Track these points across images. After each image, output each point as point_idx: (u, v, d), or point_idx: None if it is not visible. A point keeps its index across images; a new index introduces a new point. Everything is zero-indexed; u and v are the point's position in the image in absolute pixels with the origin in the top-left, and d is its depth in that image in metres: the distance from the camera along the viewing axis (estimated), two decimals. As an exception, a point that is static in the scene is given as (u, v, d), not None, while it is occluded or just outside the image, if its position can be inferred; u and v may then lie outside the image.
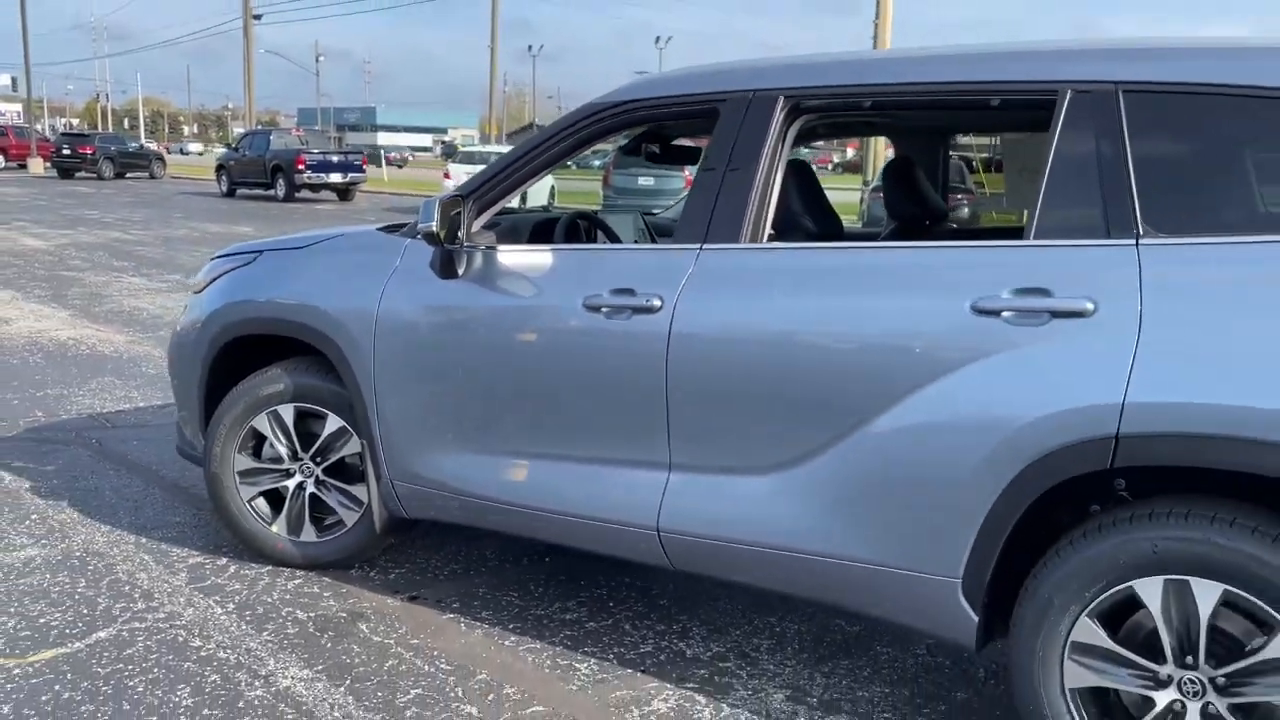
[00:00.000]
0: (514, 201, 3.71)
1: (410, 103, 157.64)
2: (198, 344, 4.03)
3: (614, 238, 4.36)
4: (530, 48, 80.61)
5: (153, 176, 41.24)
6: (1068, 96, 2.61)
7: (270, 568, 3.92)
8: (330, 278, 3.72)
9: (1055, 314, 2.48)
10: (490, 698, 3.04)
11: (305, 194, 28.65)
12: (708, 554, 3.02)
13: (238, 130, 53.21)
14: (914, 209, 4.18)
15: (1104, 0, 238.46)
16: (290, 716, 2.89)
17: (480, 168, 22.31)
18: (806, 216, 3.47)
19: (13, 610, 3.49)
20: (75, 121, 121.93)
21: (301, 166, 28.05)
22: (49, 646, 3.26)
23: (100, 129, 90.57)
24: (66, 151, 39.41)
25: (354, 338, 3.56)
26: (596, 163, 27.23)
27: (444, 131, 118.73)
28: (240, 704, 2.95)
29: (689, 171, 20.94)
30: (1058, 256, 2.54)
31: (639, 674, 3.20)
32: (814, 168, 4.13)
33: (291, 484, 3.91)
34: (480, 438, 3.39)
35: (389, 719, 2.90)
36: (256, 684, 3.07)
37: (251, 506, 3.95)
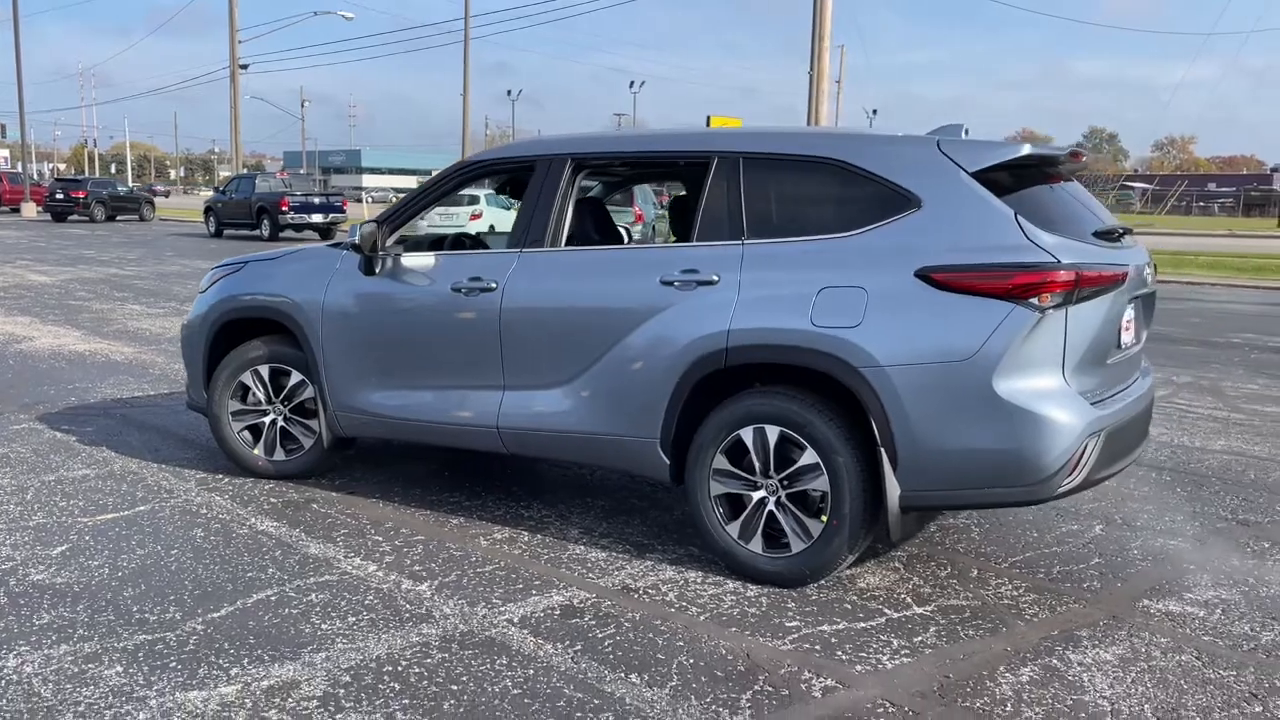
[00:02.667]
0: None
1: (395, 145, 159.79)
2: (202, 327, 5.88)
3: (484, 248, 6.23)
4: (510, 92, 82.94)
5: (142, 219, 43.10)
6: (715, 160, 4.52)
7: (254, 478, 5.74)
8: (293, 278, 5.59)
9: (700, 283, 4.36)
10: (391, 532, 4.87)
11: (289, 233, 30.53)
12: (525, 440, 4.87)
13: (224, 173, 55.14)
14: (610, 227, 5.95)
15: (1070, 44, 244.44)
16: (265, 539, 4.72)
17: (455, 206, 23.75)
18: (595, 232, 5.35)
19: (80, 498, 5.31)
20: (63, 166, 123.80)
21: (285, 208, 30.01)
22: (108, 512, 5.08)
23: (87, 174, 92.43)
24: (60, 196, 41.26)
25: (309, 318, 5.42)
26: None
27: (428, 173, 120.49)
28: (233, 535, 4.77)
29: (638, 206, 22.85)
30: (704, 251, 4.44)
31: (491, 522, 5.02)
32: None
33: (267, 420, 5.75)
34: (389, 378, 5.24)
35: (326, 544, 4.71)
36: (243, 528, 4.89)
37: (240, 436, 5.78)
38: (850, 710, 3.26)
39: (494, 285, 4.88)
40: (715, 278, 4.33)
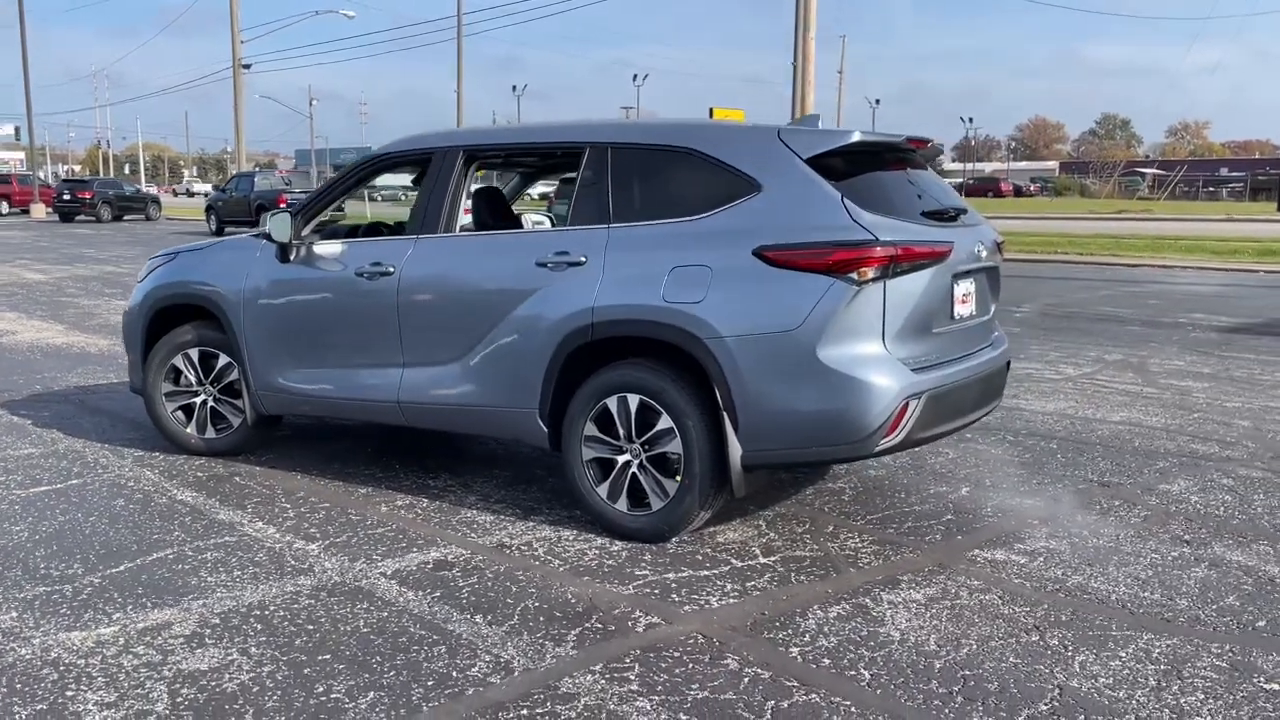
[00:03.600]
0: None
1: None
2: (139, 314, 6.28)
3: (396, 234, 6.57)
4: (514, 87, 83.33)
5: (148, 218, 43.73)
6: (587, 150, 4.89)
7: (186, 456, 6.14)
8: (218, 267, 5.98)
9: (570, 264, 4.73)
10: (300, 501, 5.26)
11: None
12: (423, 414, 5.25)
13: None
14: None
15: (1085, 29, 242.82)
16: (180, 507, 5.11)
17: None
18: (490, 218, 5.71)
19: (19, 473, 5.72)
20: (78, 168, 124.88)
21: (283, 205, 30.47)
22: (42, 485, 5.48)
23: (102, 174, 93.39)
24: (67, 197, 41.91)
25: (231, 303, 5.81)
26: (536, 194, 29.99)
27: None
28: (151, 504, 5.17)
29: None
30: (574, 235, 4.80)
31: (398, 491, 5.39)
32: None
33: (199, 400, 6.14)
34: (303, 358, 5.63)
35: (235, 510, 5.10)
36: (163, 498, 5.29)
37: (174, 416, 6.18)
38: (663, 641, 3.63)
39: (391, 270, 5.25)
40: (583, 259, 4.69)
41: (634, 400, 4.56)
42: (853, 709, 3.17)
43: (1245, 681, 3.36)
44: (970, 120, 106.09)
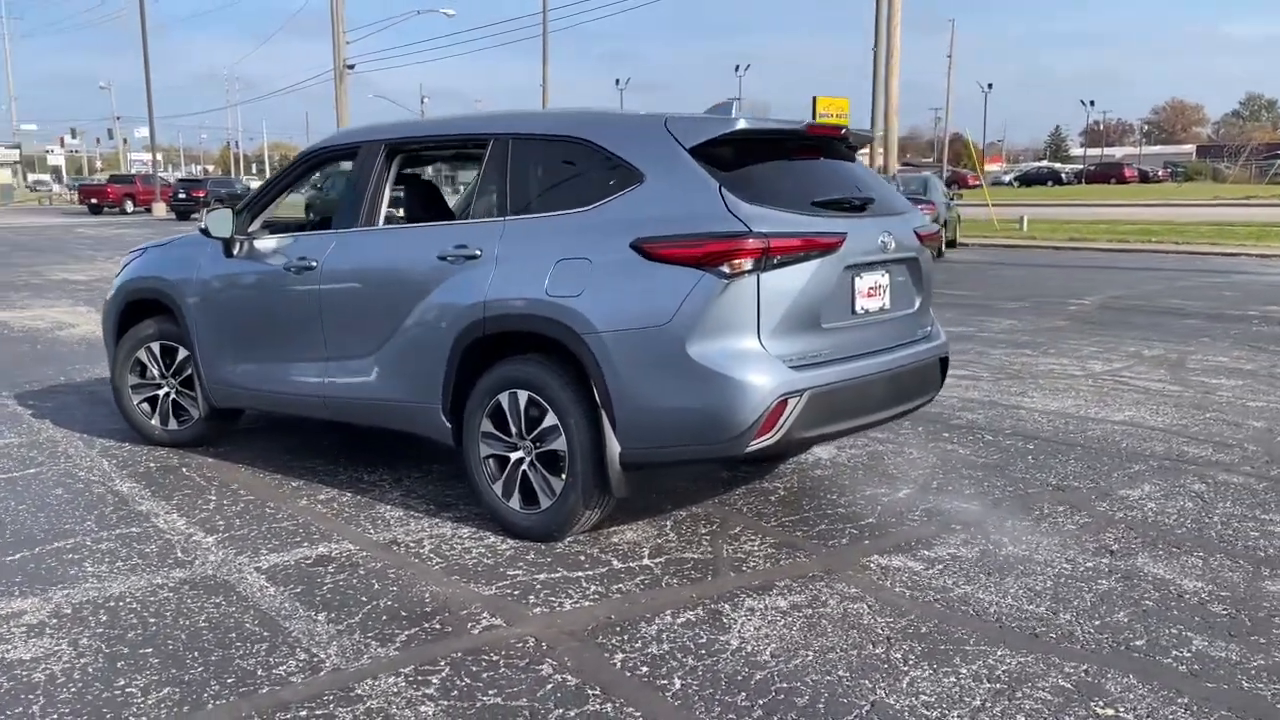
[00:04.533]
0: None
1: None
2: (111, 308, 6.46)
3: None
4: (617, 81, 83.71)
5: (257, 215, 45.28)
6: (491, 141, 4.82)
7: (150, 446, 6.29)
8: (173, 262, 6.11)
9: (467, 257, 4.67)
10: (229, 493, 5.33)
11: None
12: (345, 408, 5.27)
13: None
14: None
15: (1227, 10, 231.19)
16: (110, 498, 5.23)
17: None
18: (421, 210, 5.68)
19: (-15, 460, 5.95)
20: (211, 168, 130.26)
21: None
22: (2, 474, 5.70)
23: (233, 174, 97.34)
24: (182, 195, 43.84)
25: (184, 297, 5.93)
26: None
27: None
28: (85, 495, 5.30)
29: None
30: (473, 228, 4.74)
31: (328, 486, 5.41)
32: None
33: (161, 393, 6.29)
34: (244, 351, 5.70)
35: (159, 501, 5.18)
36: (101, 488, 5.42)
37: (139, 408, 6.34)
38: (490, 644, 3.55)
39: (314, 264, 5.28)
40: (479, 252, 4.63)
41: (523, 396, 4.48)
42: (639, 721, 3.04)
43: (1079, 705, 3.11)
44: (1092, 103, 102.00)
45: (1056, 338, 10.29)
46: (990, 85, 74.54)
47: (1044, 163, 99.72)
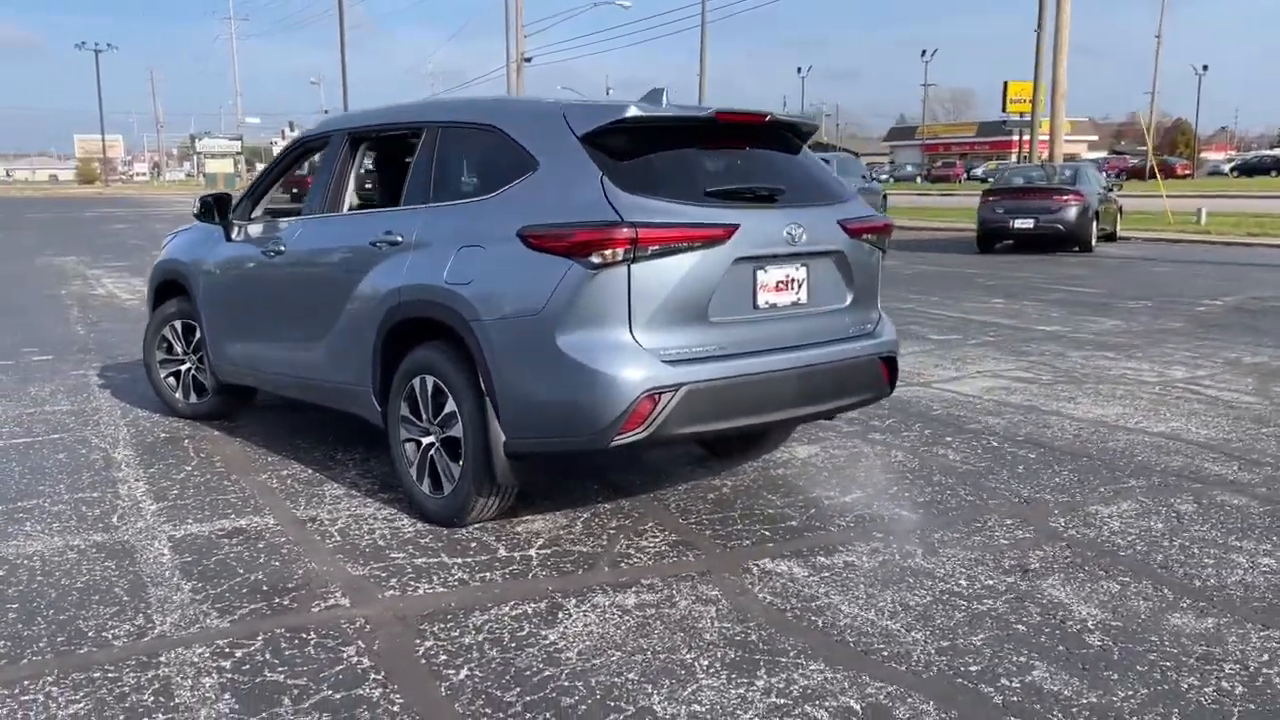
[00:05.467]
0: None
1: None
2: (149, 287, 6.91)
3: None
4: (799, 69, 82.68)
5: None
6: (424, 130, 4.89)
7: (173, 417, 6.69)
8: (189, 245, 6.47)
9: (391, 244, 4.76)
10: (205, 465, 5.62)
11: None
12: (307, 389, 5.47)
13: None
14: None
15: None
16: (97, 464, 5.60)
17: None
18: (384, 196, 5.78)
19: (25, 426, 6.45)
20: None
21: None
22: (21, 438, 6.17)
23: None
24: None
25: (194, 278, 6.28)
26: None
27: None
28: (80, 461, 5.69)
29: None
30: (400, 215, 4.82)
31: (298, 462, 5.63)
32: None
33: (184, 368, 6.68)
34: (236, 331, 5.99)
35: (136, 469, 5.51)
36: (96, 455, 5.81)
37: (166, 382, 6.75)
38: (318, 623, 3.62)
39: (283, 249, 5.49)
40: (400, 239, 4.71)
41: (430, 382, 4.53)
42: (394, 707, 3.04)
43: (849, 731, 2.91)
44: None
45: (1156, 340, 9.56)
46: (1205, 67, 69.50)
47: (1269, 151, 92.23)
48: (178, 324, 6.64)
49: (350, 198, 5.44)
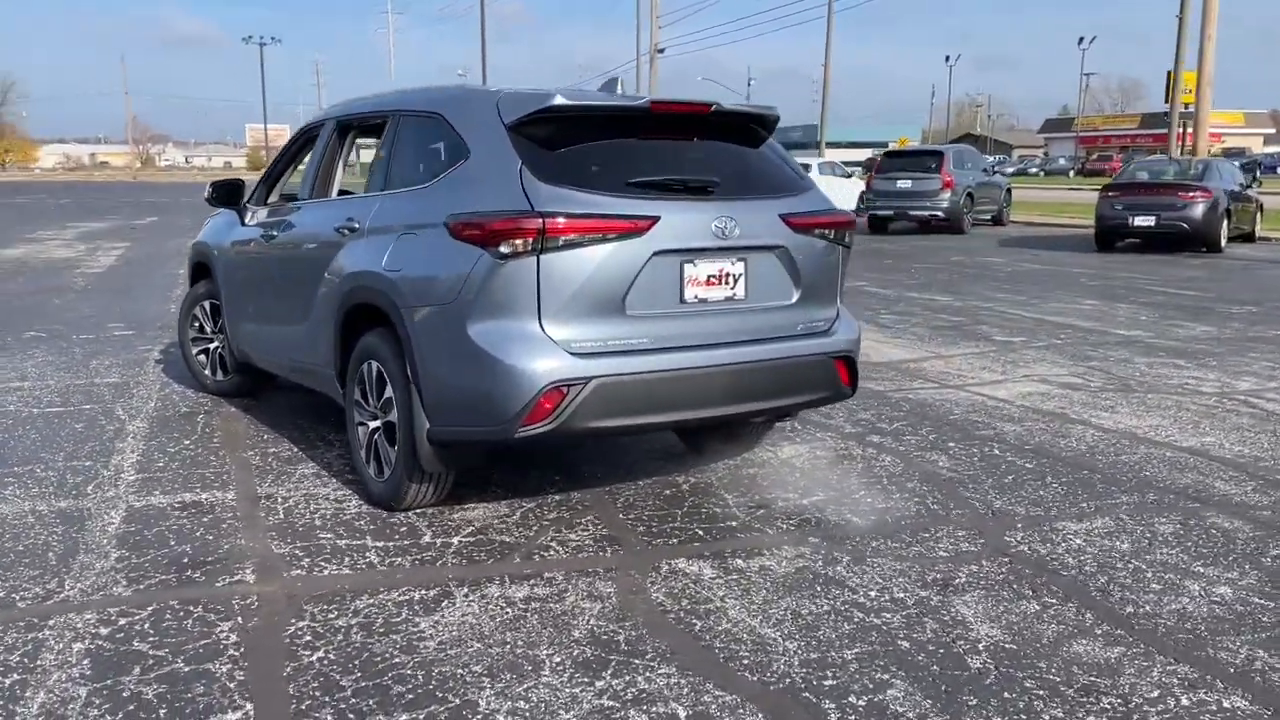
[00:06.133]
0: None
1: (861, 116, 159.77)
2: (188, 267, 7.24)
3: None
4: (947, 58, 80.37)
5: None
6: (389, 118, 4.96)
7: (198, 393, 7.00)
8: (214, 228, 6.74)
9: (351, 230, 4.86)
10: (203, 441, 5.85)
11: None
12: (295, 371, 5.64)
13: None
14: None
15: None
16: (104, 435, 5.90)
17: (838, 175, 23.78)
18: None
19: (63, 395, 6.83)
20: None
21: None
22: (56, 407, 6.55)
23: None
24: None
25: (216, 260, 6.54)
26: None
27: (883, 145, 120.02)
28: (94, 432, 6.01)
29: (948, 173, 21.79)
30: (360, 202, 4.92)
31: (287, 440, 5.80)
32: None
33: (213, 346, 6.97)
34: (249, 310, 6.21)
35: (134, 441, 5.78)
36: (113, 425, 6.12)
37: (197, 359, 7.06)
38: (211, 598, 3.72)
39: (274, 234, 5.66)
40: (357, 225, 4.80)
41: (375, 368, 4.61)
42: (232, 683, 3.11)
43: (656, 740, 2.83)
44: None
45: (1240, 349, 8.96)
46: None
47: None
48: (206, 304, 6.92)
49: (337, 184, 5.56)
